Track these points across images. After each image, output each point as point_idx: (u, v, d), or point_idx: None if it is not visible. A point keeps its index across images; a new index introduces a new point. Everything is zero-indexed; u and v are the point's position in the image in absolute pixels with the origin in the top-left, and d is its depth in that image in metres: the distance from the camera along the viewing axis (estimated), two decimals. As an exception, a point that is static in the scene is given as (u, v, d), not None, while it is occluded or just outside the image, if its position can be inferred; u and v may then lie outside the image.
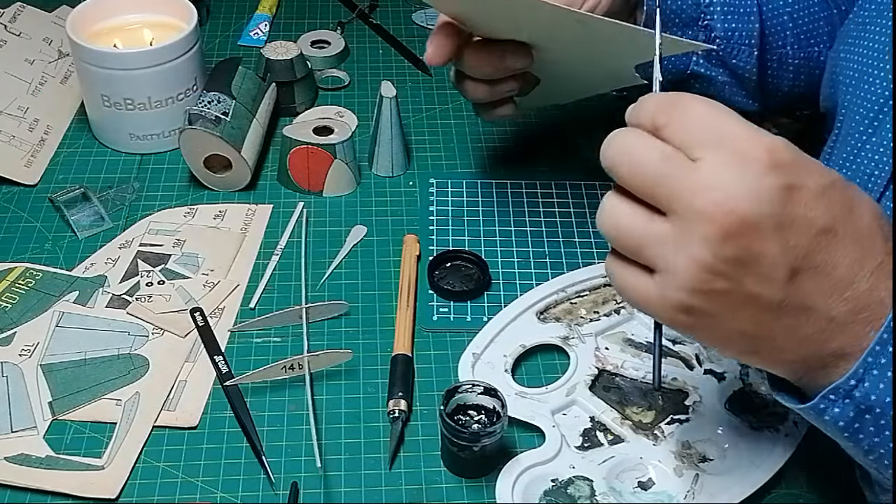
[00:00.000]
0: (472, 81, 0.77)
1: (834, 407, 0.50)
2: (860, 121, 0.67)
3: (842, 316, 0.48)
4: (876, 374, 0.48)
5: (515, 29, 0.72)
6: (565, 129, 0.92)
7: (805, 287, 0.48)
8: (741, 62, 0.84)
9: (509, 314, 0.73)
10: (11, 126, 0.89)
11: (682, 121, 0.48)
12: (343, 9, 1.09)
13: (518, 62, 0.74)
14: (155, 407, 0.67)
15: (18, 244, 0.80)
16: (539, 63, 0.75)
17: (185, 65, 0.86)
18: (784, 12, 0.83)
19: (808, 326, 0.49)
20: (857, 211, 0.48)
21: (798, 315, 0.48)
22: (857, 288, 0.48)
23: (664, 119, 0.49)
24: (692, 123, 0.48)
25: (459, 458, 0.62)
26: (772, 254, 0.47)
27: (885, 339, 0.48)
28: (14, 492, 0.62)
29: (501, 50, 0.74)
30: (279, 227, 0.82)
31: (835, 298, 0.48)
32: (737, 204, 0.46)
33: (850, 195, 0.49)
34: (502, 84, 0.77)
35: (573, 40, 0.71)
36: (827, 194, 0.47)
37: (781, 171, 0.46)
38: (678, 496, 0.61)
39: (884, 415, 0.49)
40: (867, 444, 0.50)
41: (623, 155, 0.49)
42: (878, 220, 0.49)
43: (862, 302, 0.48)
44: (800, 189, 0.47)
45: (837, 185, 0.48)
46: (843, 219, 0.48)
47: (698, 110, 0.49)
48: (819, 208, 0.47)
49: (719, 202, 0.46)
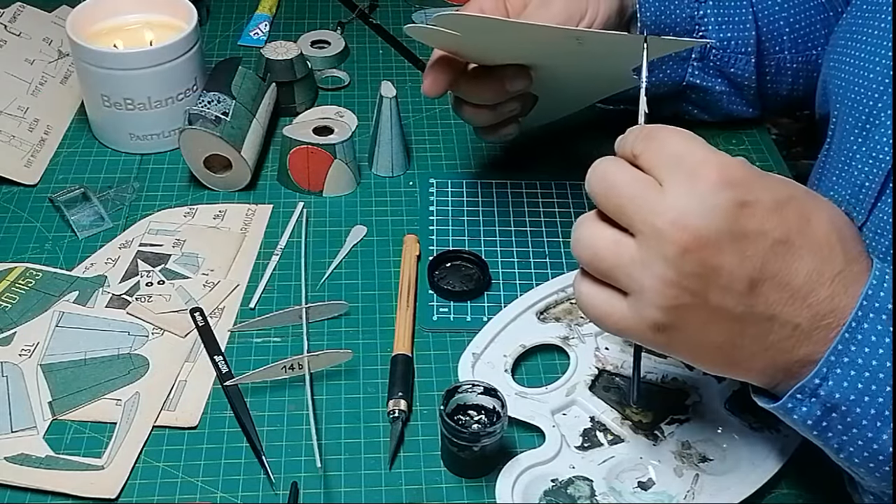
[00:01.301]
0: (472, 107, 0.77)
1: (801, 406, 0.52)
2: (850, 129, 0.68)
3: (805, 323, 0.50)
4: (839, 372, 0.50)
5: (512, 54, 0.72)
6: (565, 130, 0.92)
7: (766, 297, 0.50)
8: (739, 70, 0.84)
9: (509, 314, 0.73)
10: (11, 126, 0.89)
11: (653, 148, 0.52)
12: (343, 9, 1.09)
13: (518, 84, 0.74)
14: (155, 407, 0.67)
15: (18, 244, 0.80)
16: (537, 82, 0.75)
17: (185, 65, 0.86)
18: (780, 17, 0.84)
19: (774, 334, 0.51)
20: (815, 222, 0.51)
21: (763, 324, 0.51)
22: (817, 295, 0.50)
23: (640, 148, 0.52)
24: (661, 150, 0.51)
25: (459, 458, 0.62)
26: (729, 266, 0.49)
27: (847, 338, 0.50)
28: (14, 492, 0.62)
29: (500, 75, 0.73)
30: (279, 227, 0.82)
31: (797, 306, 0.50)
32: (689, 221, 0.49)
33: (808, 208, 0.51)
34: (504, 106, 0.76)
35: (571, 56, 0.71)
36: (782, 208, 0.50)
37: (733, 189, 0.49)
38: (678, 496, 0.61)
39: (850, 412, 0.50)
40: (836, 443, 0.52)
41: (600, 180, 0.53)
42: (837, 231, 0.51)
43: (824, 308, 0.50)
44: (753, 204, 0.49)
45: (794, 199, 0.51)
46: (799, 230, 0.50)
47: (669, 139, 0.52)
48: (773, 221, 0.50)
49: (674, 220, 0.49)
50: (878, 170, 0.63)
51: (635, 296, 0.51)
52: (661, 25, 0.80)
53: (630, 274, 0.51)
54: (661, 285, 0.50)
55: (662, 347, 0.53)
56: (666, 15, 0.80)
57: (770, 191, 0.50)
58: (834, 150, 0.71)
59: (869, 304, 0.50)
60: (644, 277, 0.50)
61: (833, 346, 0.50)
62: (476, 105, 0.76)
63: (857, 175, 0.65)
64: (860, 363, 0.49)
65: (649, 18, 0.78)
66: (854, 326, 0.49)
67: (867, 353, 0.49)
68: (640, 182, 0.51)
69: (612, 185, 0.52)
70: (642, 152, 0.52)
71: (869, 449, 0.51)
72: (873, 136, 0.65)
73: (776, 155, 0.90)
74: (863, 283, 0.50)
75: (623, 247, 0.51)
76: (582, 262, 0.54)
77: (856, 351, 0.49)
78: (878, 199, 0.63)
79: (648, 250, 0.50)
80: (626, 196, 0.51)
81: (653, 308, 0.50)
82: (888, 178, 0.63)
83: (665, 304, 0.50)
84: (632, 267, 0.51)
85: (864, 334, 0.49)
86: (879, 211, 0.63)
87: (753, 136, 0.92)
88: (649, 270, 0.50)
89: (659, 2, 0.79)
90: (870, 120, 0.65)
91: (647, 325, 0.51)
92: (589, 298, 0.54)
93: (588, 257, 0.53)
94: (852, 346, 0.49)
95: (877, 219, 0.63)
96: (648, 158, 0.51)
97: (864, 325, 0.49)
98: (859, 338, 0.49)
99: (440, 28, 0.66)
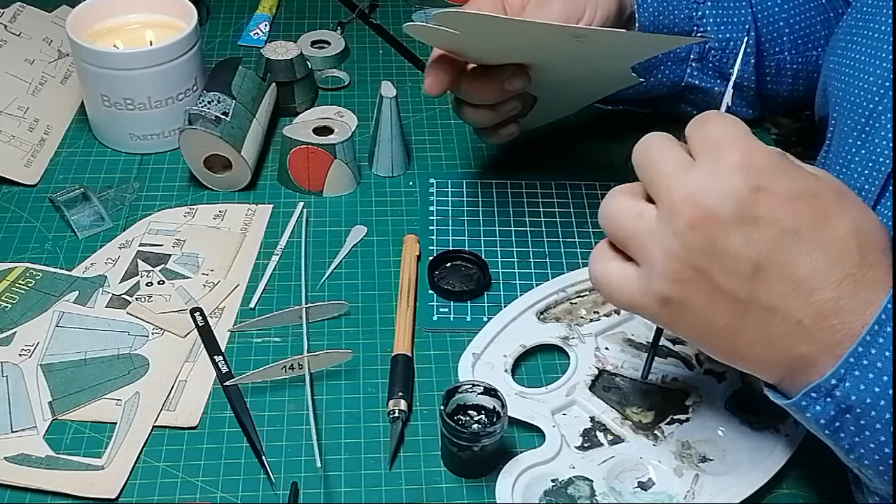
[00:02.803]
0: (472, 108, 0.77)
1: (815, 405, 0.51)
2: (849, 132, 0.67)
3: (807, 320, 0.50)
4: (857, 374, 0.49)
5: (511, 53, 0.72)
6: (565, 130, 0.92)
7: (769, 286, 0.50)
8: (739, 71, 0.84)
9: (509, 314, 0.73)
10: (11, 126, 0.89)
11: (697, 129, 0.53)
12: (343, 9, 1.09)
13: (517, 84, 0.74)
14: (155, 407, 0.67)
15: (18, 244, 0.80)
16: (536, 81, 0.75)
17: (185, 65, 0.86)
18: (780, 18, 0.83)
19: (775, 327, 0.51)
20: (835, 222, 0.50)
21: (764, 313, 0.51)
22: (821, 294, 0.50)
23: (691, 130, 0.54)
24: (702, 131, 0.53)
25: (459, 458, 0.62)
26: (734, 248, 0.50)
27: (868, 340, 0.49)
28: (14, 492, 0.62)
29: (499, 74, 0.73)
30: (279, 227, 0.82)
31: (799, 301, 0.50)
32: (702, 198, 0.50)
33: (832, 207, 0.51)
34: (504, 105, 0.76)
35: (571, 55, 0.71)
36: (797, 199, 0.50)
37: (751, 173, 0.50)
38: (678, 496, 0.61)
39: (864, 415, 0.50)
40: (847, 444, 0.52)
41: (643, 152, 0.55)
42: (858, 235, 0.51)
43: (828, 310, 0.50)
44: (767, 190, 0.50)
45: (816, 195, 0.51)
46: (813, 226, 0.50)
47: (713, 122, 0.53)
48: (785, 211, 0.50)
49: (688, 195, 0.50)
50: (877, 173, 0.63)
51: (645, 267, 0.53)
52: (658, 26, 0.80)
53: (644, 244, 0.53)
54: (668, 258, 0.51)
55: (668, 324, 0.55)
56: (664, 15, 0.80)
57: (791, 182, 0.50)
58: (833, 152, 0.71)
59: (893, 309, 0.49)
60: (654, 249, 0.52)
61: (853, 347, 0.49)
62: (476, 105, 0.76)
63: (857, 178, 0.65)
64: (879, 367, 0.49)
65: (647, 19, 0.79)
66: (877, 329, 0.49)
67: (887, 357, 0.49)
68: (676, 159, 0.52)
69: (652, 157, 0.53)
70: (691, 134, 0.54)
71: (880, 452, 0.50)
72: (873, 139, 0.65)
73: (776, 155, 0.90)
74: (878, 290, 0.50)
75: (643, 218, 0.53)
76: (604, 228, 0.55)
77: (875, 354, 0.49)
78: (878, 201, 0.63)
79: (663, 223, 0.51)
80: (658, 170, 0.53)
81: (661, 281, 0.52)
82: (888, 182, 0.63)
83: (672, 277, 0.51)
84: (647, 236, 0.52)
85: (886, 338, 0.49)
86: (879, 213, 0.63)
87: (753, 136, 0.92)
88: (659, 242, 0.51)
89: (657, 2, 0.79)
90: (869, 122, 0.65)
91: (653, 298, 0.53)
92: (603, 272, 0.56)
93: (609, 224, 0.55)
94: (873, 349, 0.49)
95: (879, 217, 0.63)
96: (692, 139, 0.53)
97: (888, 329, 0.49)
98: (881, 341, 0.49)
99: (440, 27, 0.66)
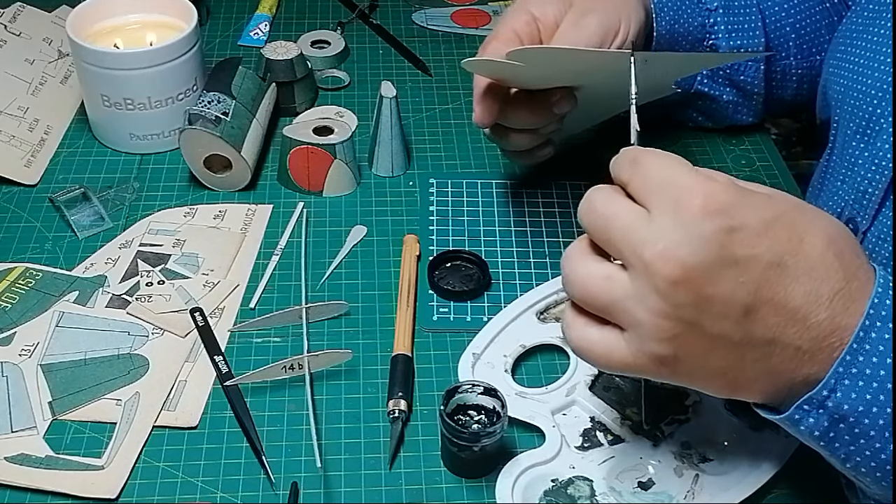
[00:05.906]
0: (516, 133, 0.76)
1: (808, 417, 0.51)
2: (852, 135, 0.67)
3: (807, 345, 0.49)
4: (847, 383, 0.49)
5: (562, 77, 0.71)
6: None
7: (764, 321, 0.49)
8: (748, 77, 0.84)
9: (509, 314, 0.73)
10: (11, 126, 0.89)
11: (640, 175, 0.51)
12: (343, 9, 1.09)
13: (565, 107, 0.73)
14: (155, 407, 0.67)
15: (18, 244, 0.80)
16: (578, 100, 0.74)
17: (185, 65, 0.86)
18: (787, 24, 0.84)
19: (776, 357, 0.50)
20: (809, 241, 0.49)
21: (764, 348, 0.50)
22: (816, 317, 0.49)
23: (628, 175, 0.51)
24: (647, 177, 0.50)
25: (459, 458, 0.62)
26: (722, 294, 0.48)
27: (855, 348, 0.49)
28: (14, 492, 0.62)
29: (545, 98, 0.72)
30: (279, 227, 0.82)
31: (797, 329, 0.49)
32: (677, 252, 0.48)
33: (800, 226, 0.50)
34: (546, 127, 0.76)
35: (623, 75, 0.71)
36: (771, 229, 0.49)
37: (719, 216, 0.48)
38: (678, 496, 0.61)
39: (858, 423, 0.50)
40: (843, 453, 0.51)
41: (589, 211, 0.52)
42: (834, 247, 0.50)
43: (825, 329, 0.49)
44: (740, 229, 0.48)
45: (784, 218, 0.49)
46: (792, 251, 0.49)
47: (653, 164, 0.51)
48: (763, 245, 0.48)
49: (661, 253, 0.48)
50: (881, 176, 0.63)
51: (632, 331, 0.50)
52: (674, 34, 0.80)
53: (625, 309, 0.50)
54: (656, 318, 0.49)
55: (668, 378, 0.52)
56: (679, 23, 0.80)
57: (758, 212, 0.49)
58: (836, 155, 0.71)
59: (875, 313, 0.49)
60: (639, 311, 0.49)
61: (841, 357, 0.49)
62: (519, 130, 0.76)
63: (861, 181, 0.65)
64: (868, 374, 0.48)
65: (664, 27, 0.79)
66: (861, 336, 0.48)
67: (875, 364, 0.48)
68: (629, 213, 0.50)
69: (602, 216, 0.51)
70: (630, 179, 0.51)
71: (876, 459, 0.50)
72: (875, 143, 0.64)
73: (776, 155, 0.91)
74: (865, 298, 0.49)
75: (615, 282, 0.50)
76: (575, 299, 0.52)
77: (863, 361, 0.48)
78: (882, 204, 0.63)
79: (640, 283, 0.49)
80: (614, 228, 0.50)
81: (652, 341, 0.49)
82: (892, 185, 0.63)
83: (663, 336, 0.49)
84: (626, 301, 0.50)
85: (872, 344, 0.48)
86: (883, 216, 0.63)
87: (753, 137, 0.92)
88: (643, 304, 0.49)
89: (673, 11, 0.80)
90: (871, 125, 0.65)
91: (648, 359, 0.50)
92: (584, 341, 0.52)
93: (581, 295, 0.52)
94: (860, 356, 0.49)
95: (881, 224, 0.63)
96: (636, 186, 0.51)
97: (872, 335, 0.48)
98: (867, 348, 0.48)
99: (510, 61, 0.65)
